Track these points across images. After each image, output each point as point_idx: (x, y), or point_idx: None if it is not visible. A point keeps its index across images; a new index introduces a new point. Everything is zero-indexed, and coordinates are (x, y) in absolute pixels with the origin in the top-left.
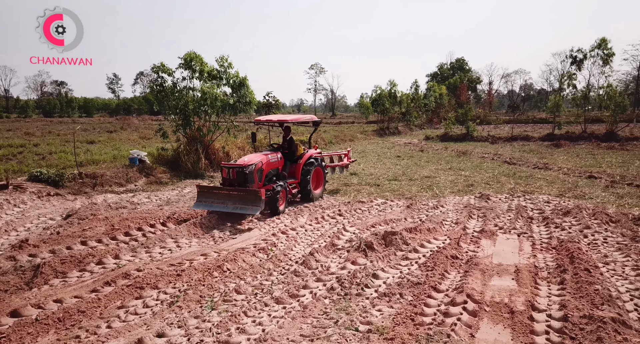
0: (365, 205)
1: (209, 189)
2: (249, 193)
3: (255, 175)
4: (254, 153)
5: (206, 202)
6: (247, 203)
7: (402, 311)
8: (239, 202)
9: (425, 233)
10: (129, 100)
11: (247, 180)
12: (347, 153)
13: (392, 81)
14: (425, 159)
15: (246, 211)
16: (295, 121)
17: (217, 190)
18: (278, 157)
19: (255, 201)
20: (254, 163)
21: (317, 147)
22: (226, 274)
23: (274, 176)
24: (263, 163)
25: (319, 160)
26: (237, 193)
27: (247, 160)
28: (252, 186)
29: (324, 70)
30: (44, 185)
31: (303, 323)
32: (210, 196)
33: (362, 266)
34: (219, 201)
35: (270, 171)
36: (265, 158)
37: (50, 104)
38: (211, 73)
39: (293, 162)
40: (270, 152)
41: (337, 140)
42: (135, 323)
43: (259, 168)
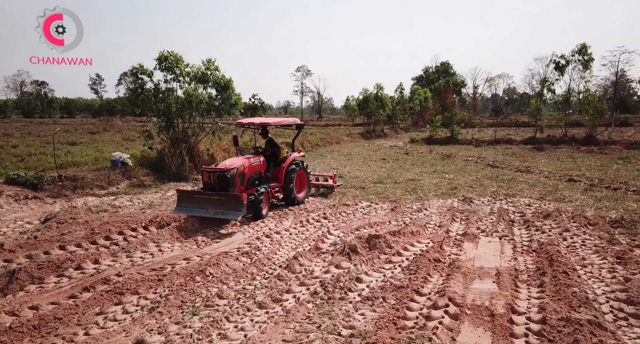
0: (350, 208)
1: (189, 194)
2: (231, 197)
3: (237, 179)
4: (236, 157)
5: (187, 207)
6: (228, 208)
7: (384, 315)
8: (220, 207)
9: (408, 236)
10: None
11: (229, 184)
12: (333, 177)
13: (379, 84)
14: (410, 162)
15: (227, 216)
16: (277, 124)
17: (198, 195)
18: (260, 161)
19: (237, 206)
20: (235, 167)
21: (300, 150)
22: (209, 279)
23: (257, 180)
24: (245, 167)
25: (303, 164)
26: (219, 198)
27: (229, 164)
28: (234, 191)
29: (310, 72)
30: (22, 188)
31: (286, 328)
32: (191, 201)
33: (345, 270)
34: (199, 206)
35: (253, 175)
36: (247, 162)
37: (31, 104)
38: (196, 75)
39: (276, 165)
40: (252, 155)
41: (323, 143)
42: (114, 329)
43: (241, 172)
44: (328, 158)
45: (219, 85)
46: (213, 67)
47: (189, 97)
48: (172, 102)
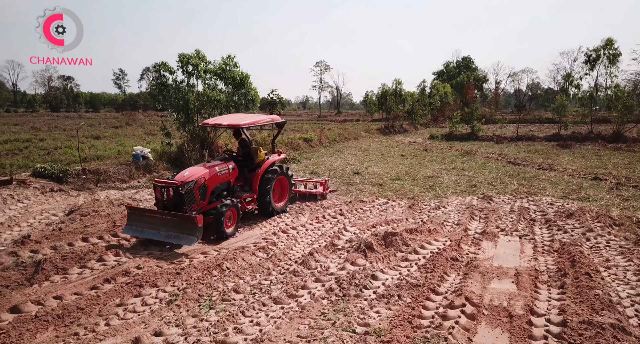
0: (367, 204)
1: (140, 211)
2: (184, 219)
3: (196, 193)
4: (197, 166)
5: (137, 227)
6: (181, 230)
7: (400, 313)
8: (173, 229)
9: (425, 234)
10: (135, 95)
11: (184, 200)
12: (324, 183)
13: (397, 79)
14: (429, 158)
15: (180, 241)
16: (251, 124)
17: (149, 213)
18: (229, 168)
19: (191, 229)
20: (193, 180)
21: (281, 153)
22: (225, 273)
23: (225, 190)
24: (206, 177)
25: (284, 168)
26: (171, 218)
27: (187, 176)
28: (192, 208)
29: (329, 67)
30: (48, 180)
31: (300, 324)
32: (142, 219)
33: (361, 267)
34: (151, 227)
35: (218, 186)
36: (210, 172)
37: (57, 99)
38: (216, 72)
39: (251, 170)
40: (219, 161)
41: (341, 138)
42: (134, 321)
43: (202, 185)
44: (345, 154)
45: (237, 81)
46: (232, 63)
47: (208, 94)
48: (192, 98)
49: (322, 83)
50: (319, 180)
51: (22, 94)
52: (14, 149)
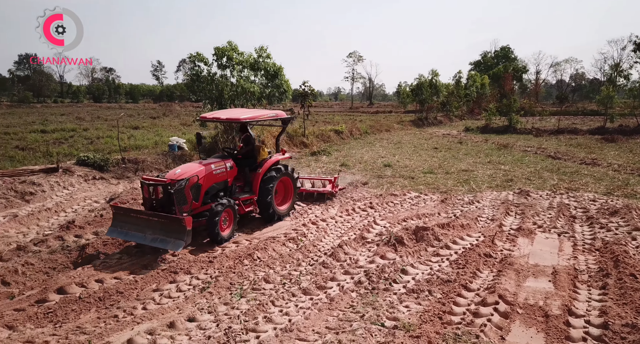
0: (398, 198)
1: (126, 211)
2: (172, 221)
3: (188, 193)
4: (191, 163)
5: (122, 228)
6: (169, 234)
7: (430, 308)
8: (160, 232)
9: (458, 229)
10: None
11: (173, 201)
12: (333, 181)
13: (434, 70)
14: (463, 151)
15: (166, 245)
16: (251, 119)
17: (135, 214)
18: (227, 166)
19: (179, 232)
20: (185, 178)
21: (285, 151)
22: (256, 262)
23: (221, 191)
24: (200, 176)
25: (288, 168)
26: (158, 220)
27: (179, 173)
28: (183, 209)
29: (362, 58)
30: (91, 169)
31: (329, 316)
32: (128, 220)
33: (391, 261)
34: (136, 229)
35: (214, 185)
36: (205, 170)
37: (100, 90)
38: (249, 63)
39: (252, 170)
40: (217, 159)
41: (372, 130)
42: (169, 306)
43: (194, 184)
44: (377, 146)
45: (270, 73)
46: (265, 54)
47: (241, 85)
48: (225, 89)
49: (354, 74)
50: (328, 178)
51: (68, 85)
52: (61, 138)
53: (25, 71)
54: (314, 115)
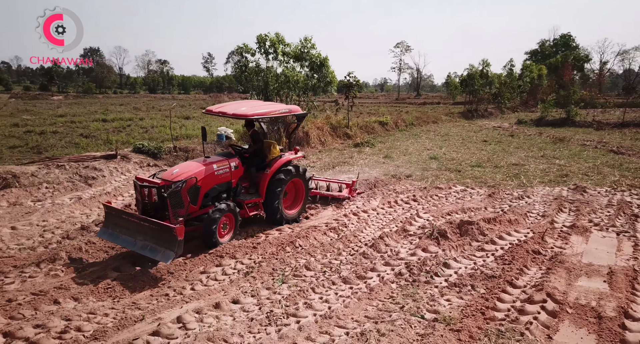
0: (443, 191)
1: (118, 213)
2: (162, 229)
3: (185, 196)
4: (191, 162)
5: (114, 230)
6: (159, 242)
7: (472, 303)
8: (150, 239)
9: (505, 225)
10: (221, 78)
11: (167, 205)
12: (351, 185)
13: (485, 60)
14: (515, 145)
15: (155, 255)
16: (262, 115)
17: (127, 216)
18: (231, 166)
19: (169, 242)
20: (182, 180)
21: (298, 150)
22: (298, 250)
23: (223, 193)
24: (199, 178)
25: (299, 169)
26: (149, 226)
27: (176, 174)
28: (179, 213)
29: (410, 48)
30: (145, 156)
31: (368, 305)
32: (120, 222)
33: (433, 254)
34: (127, 233)
35: (215, 187)
36: (205, 170)
37: (155, 81)
38: (294, 54)
39: (260, 169)
40: (220, 157)
41: (419, 122)
42: (215, 288)
43: (192, 186)
44: (423, 138)
45: (315, 64)
46: (310, 45)
47: (285, 76)
48: (270, 80)
49: (401, 64)
50: (345, 181)
51: (126, 77)
52: (119, 127)
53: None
54: (358, 107)
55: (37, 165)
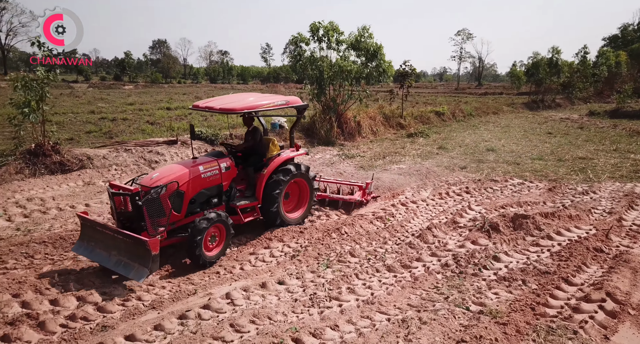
0: (499, 184)
1: (92, 224)
2: (135, 242)
3: (165, 204)
4: (175, 164)
5: (89, 244)
6: (133, 258)
7: (522, 298)
8: (124, 254)
9: (565, 220)
10: (278, 68)
11: (143, 214)
12: (364, 187)
13: (555, 47)
14: (583, 137)
15: (128, 273)
16: (252, 109)
17: (102, 228)
18: (221, 167)
19: (143, 257)
20: (161, 185)
21: (299, 147)
22: (343, 236)
23: (214, 197)
24: (181, 182)
25: (301, 167)
26: (122, 239)
27: (156, 178)
28: (160, 223)
29: (472, 36)
30: (203, 142)
31: (412, 294)
32: (94, 235)
33: (482, 247)
34: (102, 247)
35: (203, 191)
36: (190, 173)
37: (215, 71)
38: (350, 43)
39: (257, 169)
40: (209, 158)
41: (478, 112)
42: (262, 269)
43: (174, 192)
44: (481, 129)
45: (370, 52)
46: (367, 34)
47: (339, 65)
48: (325, 69)
49: (462, 53)
50: (358, 183)
51: (189, 67)
52: (181, 115)
53: (157, 55)
54: (414, 96)
55: (108, 149)
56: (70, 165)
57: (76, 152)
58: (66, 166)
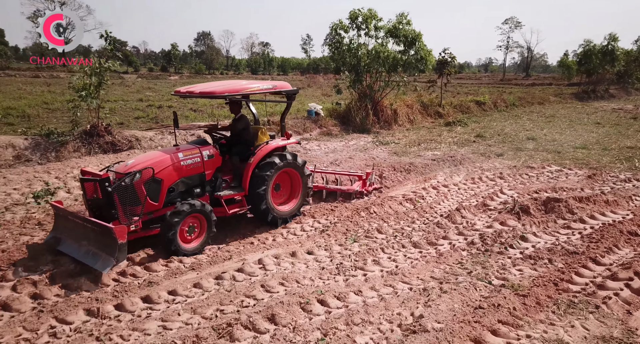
0: (535, 170)
1: (65, 213)
2: (102, 230)
3: (140, 191)
4: (154, 151)
5: (61, 234)
6: (101, 247)
7: (546, 275)
8: (93, 243)
9: (600, 205)
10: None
11: (114, 202)
12: (363, 177)
13: (612, 35)
14: (635, 128)
15: (95, 263)
16: (233, 92)
17: (73, 218)
18: (203, 155)
19: (110, 246)
20: (134, 171)
21: (290, 135)
22: (372, 215)
23: (196, 186)
24: (157, 169)
25: (289, 157)
26: (91, 228)
27: (131, 164)
28: (135, 211)
29: (520, 24)
30: None
31: (436, 267)
32: (67, 225)
33: (510, 228)
34: (74, 237)
35: (183, 180)
36: (168, 160)
37: (256, 63)
38: (389, 30)
39: (244, 159)
40: (191, 146)
41: (522, 103)
42: (293, 240)
43: (149, 179)
44: (524, 119)
45: (408, 40)
46: (405, 21)
47: (376, 52)
48: (363, 56)
49: (509, 42)
50: (357, 173)
51: (232, 59)
52: (222, 103)
53: (201, 47)
54: (456, 87)
55: (154, 131)
56: (120, 145)
57: (126, 133)
58: (117, 146)
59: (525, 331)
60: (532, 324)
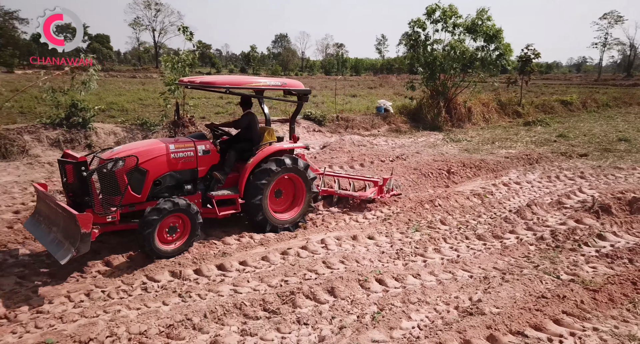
0: (623, 171)
1: (45, 197)
2: (67, 216)
3: (121, 180)
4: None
5: (38, 219)
6: (66, 236)
7: (624, 274)
8: (61, 231)
9: None
10: (392, 60)
11: (89, 188)
12: (379, 184)
13: None
14: None
15: (56, 251)
16: (235, 85)
17: (49, 201)
18: (198, 149)
19: (73, 235)
20: (116, 158)
21: (298, 138)
22: (436, 208)
23: (187, 182)
24: (142, 158)
25: (297, 161)
26: (60, 213)
27: (117, 151)
28: (112, 201)
29: (622, 18)
30: (312, 122)
31: (499, 259)
32: (45, 209)
33: (587, 226)
34: (47, 222)
35: (171, 174)
36: (155, 150)
37: (330, 64)
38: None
39: (244, 159)
40: (186, 138)
41: (617, 103)
42: (355, 226)
43: (133, 168)
44: (617, 120)
45: (488, 35)
46: (485, 16)
47: (452, 45)
48: (438, 53)
49: (607, 39)
50: (373, 179)
51: (307, 60)
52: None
53: (278, 49)
54: (541, 87)
55: None
56: None
57: None
58: None
59: (593, 324)
60: (602, 318)
